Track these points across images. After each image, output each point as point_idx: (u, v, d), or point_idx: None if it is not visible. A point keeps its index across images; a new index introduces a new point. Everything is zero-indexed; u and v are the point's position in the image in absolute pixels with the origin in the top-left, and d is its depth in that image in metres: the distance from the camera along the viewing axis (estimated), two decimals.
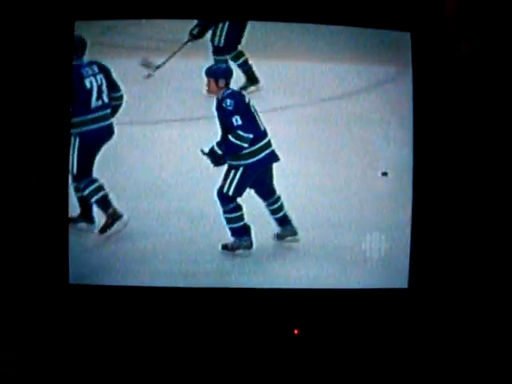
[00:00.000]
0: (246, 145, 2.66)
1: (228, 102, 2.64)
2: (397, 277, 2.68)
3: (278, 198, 2.69)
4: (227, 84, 2.65)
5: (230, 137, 2.64)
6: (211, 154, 2.62)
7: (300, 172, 2.68)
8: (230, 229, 2.66)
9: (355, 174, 2.70)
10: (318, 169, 2.69)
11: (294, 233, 2.69)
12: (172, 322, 2.60)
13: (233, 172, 2.67)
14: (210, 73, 2.63)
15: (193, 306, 2.61)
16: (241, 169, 2.68)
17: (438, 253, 2.70)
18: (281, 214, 2.70)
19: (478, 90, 2.81)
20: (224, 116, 2.64)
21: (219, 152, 2.63)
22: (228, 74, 2.65)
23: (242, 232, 2.66)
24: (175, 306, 2.61)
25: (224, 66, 2.65)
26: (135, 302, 2.60)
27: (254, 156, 2.68)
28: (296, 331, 2.65)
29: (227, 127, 2.65)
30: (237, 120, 2.64)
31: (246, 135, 2.66)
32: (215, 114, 2.66)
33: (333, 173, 2.69)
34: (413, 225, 2.66)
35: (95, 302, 2.59)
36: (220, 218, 2.66)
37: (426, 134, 2.68)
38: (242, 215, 2.68)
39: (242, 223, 2.67)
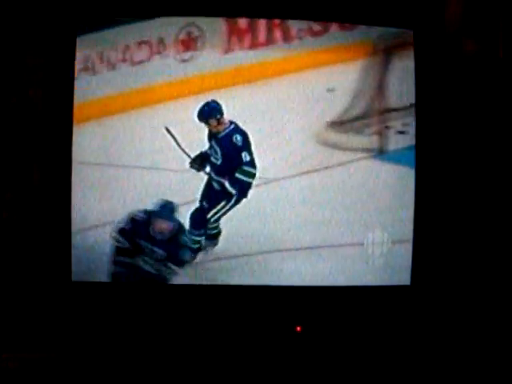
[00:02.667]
0: (252, 180, 2.61)
1: (238, 137, 2.59)
2: (399, 274, 2.68)
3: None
4: (220, 119, 2.58)
5: (238, 174, 2.61)
6: (222, 193, 2.59)
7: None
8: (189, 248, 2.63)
9: (357, 171, 2.70)
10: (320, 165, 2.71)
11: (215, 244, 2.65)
12: (176, 318, 2.61)
13: (229, 201, 2.62)
14: (201, 116, 2.57)
15: (195, 305, 2.62)
16: (235, 198, 2.63)
17: (441, 249, 2.71)
18: (215, 232, 2.65)
19: (479, 88, 2.81)
20: (232, 152, 2.59)
21: (233, 192, 2.60)
22: (219, 111, 2.57)
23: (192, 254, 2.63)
24: (178, 303, 2.62)
25: (213, 104, 2.56)
26: (139, 299, 2.62)
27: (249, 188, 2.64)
28: (299, 328, 2.65)
29: (234, 164, 2.61)
30: (245, 156, 2.59)
31: (253, 171, 2.62)
32: (217, 151, 2.60)
33: (334, 170, 2.70)
34: (415, 221, 2.66)
35: (97, 299, 2.60)
36: None
37: (428, 131, 2.68)
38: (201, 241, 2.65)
39: (198, 246, 2.64)
